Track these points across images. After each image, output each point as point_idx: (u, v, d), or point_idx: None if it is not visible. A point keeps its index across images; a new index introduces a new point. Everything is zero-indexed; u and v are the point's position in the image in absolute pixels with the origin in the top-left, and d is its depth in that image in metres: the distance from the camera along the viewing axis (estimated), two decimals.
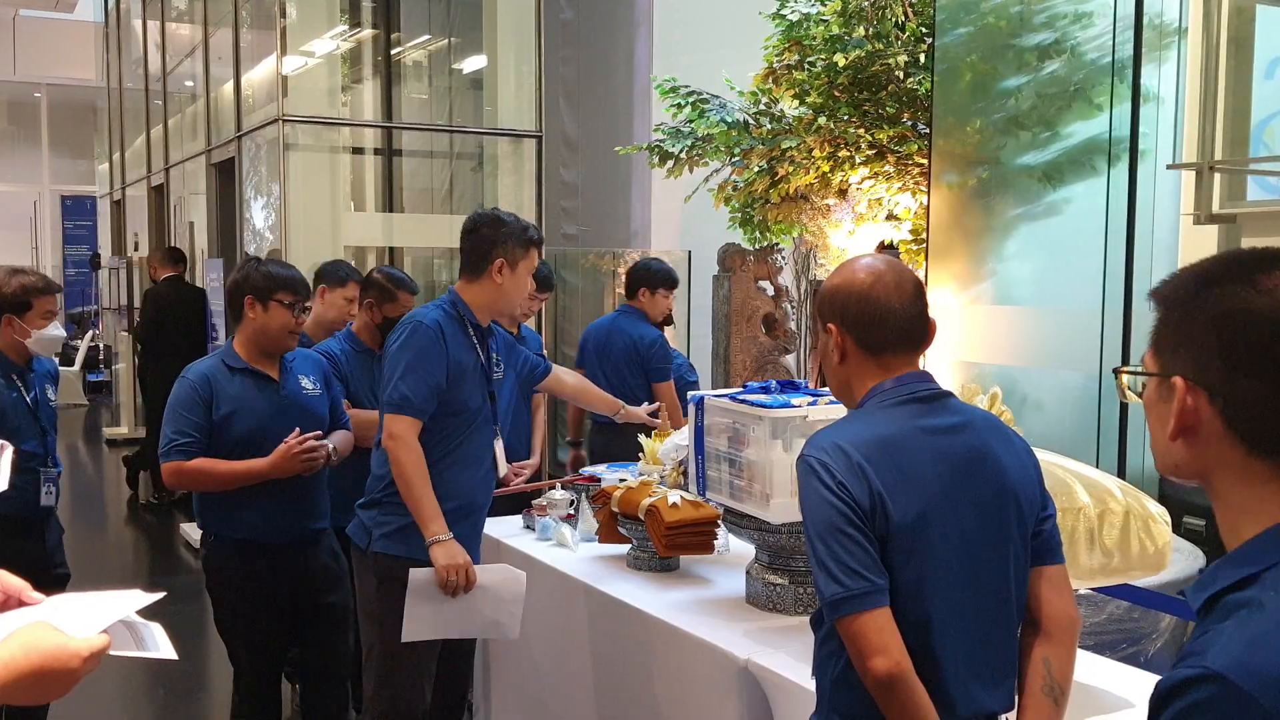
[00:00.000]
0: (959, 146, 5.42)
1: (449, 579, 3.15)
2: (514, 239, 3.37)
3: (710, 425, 3.24)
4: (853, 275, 1.99)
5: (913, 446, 1.89)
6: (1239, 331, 1.14)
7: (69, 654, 1.43)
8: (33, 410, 3.83)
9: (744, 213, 6.53)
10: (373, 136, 8.58)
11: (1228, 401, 1.15)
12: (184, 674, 5.13)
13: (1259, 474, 1.15)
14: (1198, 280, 1.19)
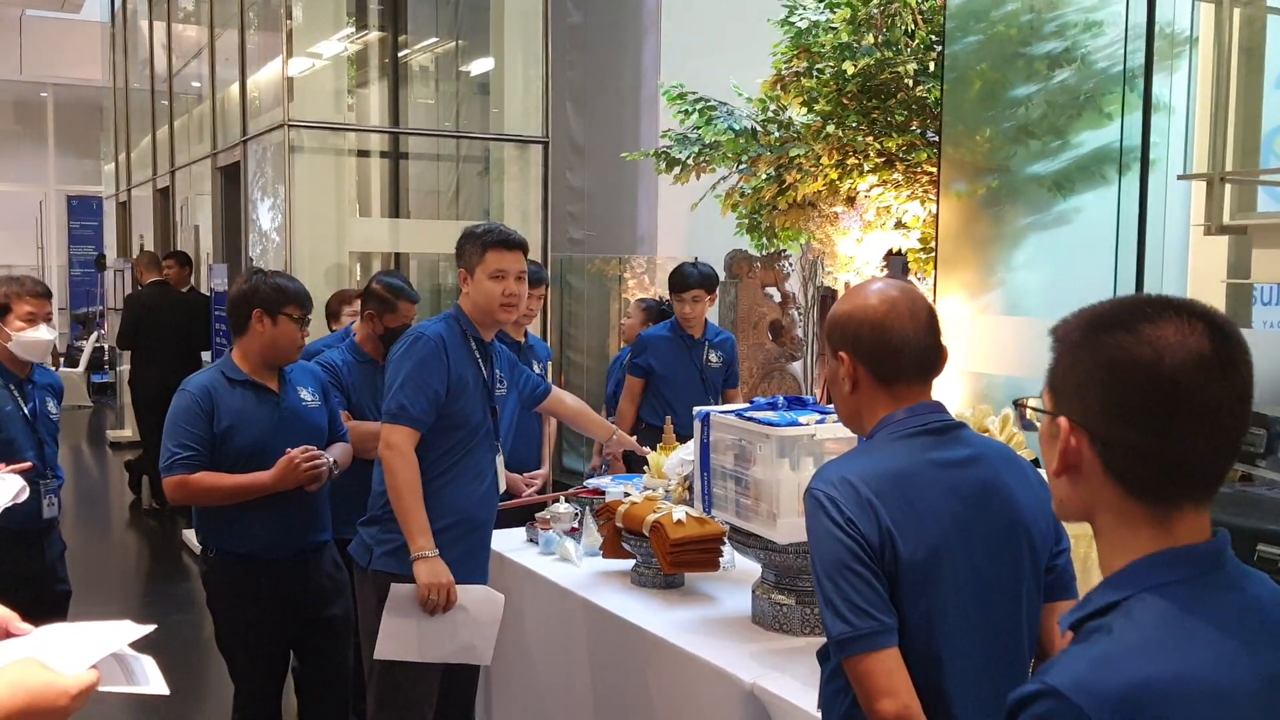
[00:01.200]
0: (968, 155, 5.38)
1: (429, 597, 3.13)
2: (470, 245, 3.34)
3: (716, 442, 3.20)
4: (866, 303, 1.95)
5: (923, 481, 1.85)
6: (1118, 381, 1.19)
7: (57, 691, 1.41)
8: (30, 422, 3.79)
9: (751, 219, 6.49)
10: (379, 141, 8.56)
11: (1106, 446, 1.20)
12: (184, 685, 5.09)
13: (1134, 515, 1.21)
14: (1089, 324, 1.24)
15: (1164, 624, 1.16)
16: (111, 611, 5.56)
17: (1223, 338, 1.20)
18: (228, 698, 3.71)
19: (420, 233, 8.59)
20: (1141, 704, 1.09)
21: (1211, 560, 1.20)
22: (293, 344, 3.56)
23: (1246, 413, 1.20)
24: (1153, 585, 1.18)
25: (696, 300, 5.29)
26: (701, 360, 5.40)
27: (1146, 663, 1.12)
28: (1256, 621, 1.18)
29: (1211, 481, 1.21)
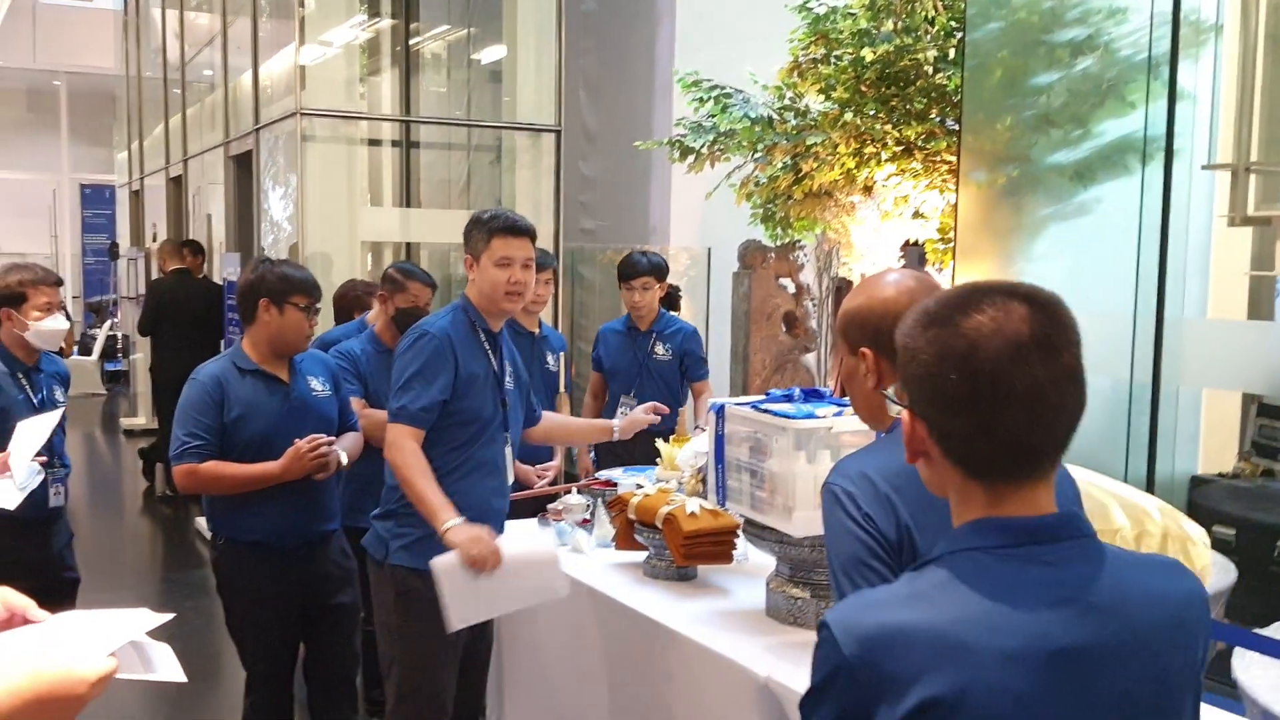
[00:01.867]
0: (988, 144, 5.31)
1: (475, 554, 2.99)
2: (476, 232, 3.26)
3: (731, 434, 3.15)
4: (884, 294, 1.89)
5: None
6: (941, 374, 1.27)
7: (75, 680, 1.39)
8: (38, 410, 3.77)
9: (766, 208, 6.43)
10: (390, 130, 8.52)
11: (942, 434, 1.29)
12: (197, 671, 5.07)
13: (973, 492, 1.30)
14: (918, 320, 1.31)
15: (944, 581, 1.26)
16: (125, 598, 5.60)
17: (1045, 320, 1.26)
18: (240, 683, 3.71)
19: (431, 222, 8.56)
20: (882, 643, 1.22)
21: (1031, 534, 1.27)
22: (300, 333, 3.54)
23: (1073, 391, 1.27)
24: (964, 548, 1.28)
25: (646, 288, 5.19)
26: (645, 352, 5.28)
27: (900, 610, 1.24)
28: (1058, 597, 1.23)
29: (1041, 459, 1.28)
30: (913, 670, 1.20)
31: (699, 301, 7.60)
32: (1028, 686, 1.20)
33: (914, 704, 1.19)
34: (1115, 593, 1.26)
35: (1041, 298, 1.29)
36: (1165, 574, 1.32)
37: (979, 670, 1.20)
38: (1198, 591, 1.33)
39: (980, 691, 1.19)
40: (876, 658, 1.22)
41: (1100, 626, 1.24)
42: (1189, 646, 1.28)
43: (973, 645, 1.20)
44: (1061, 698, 1.21)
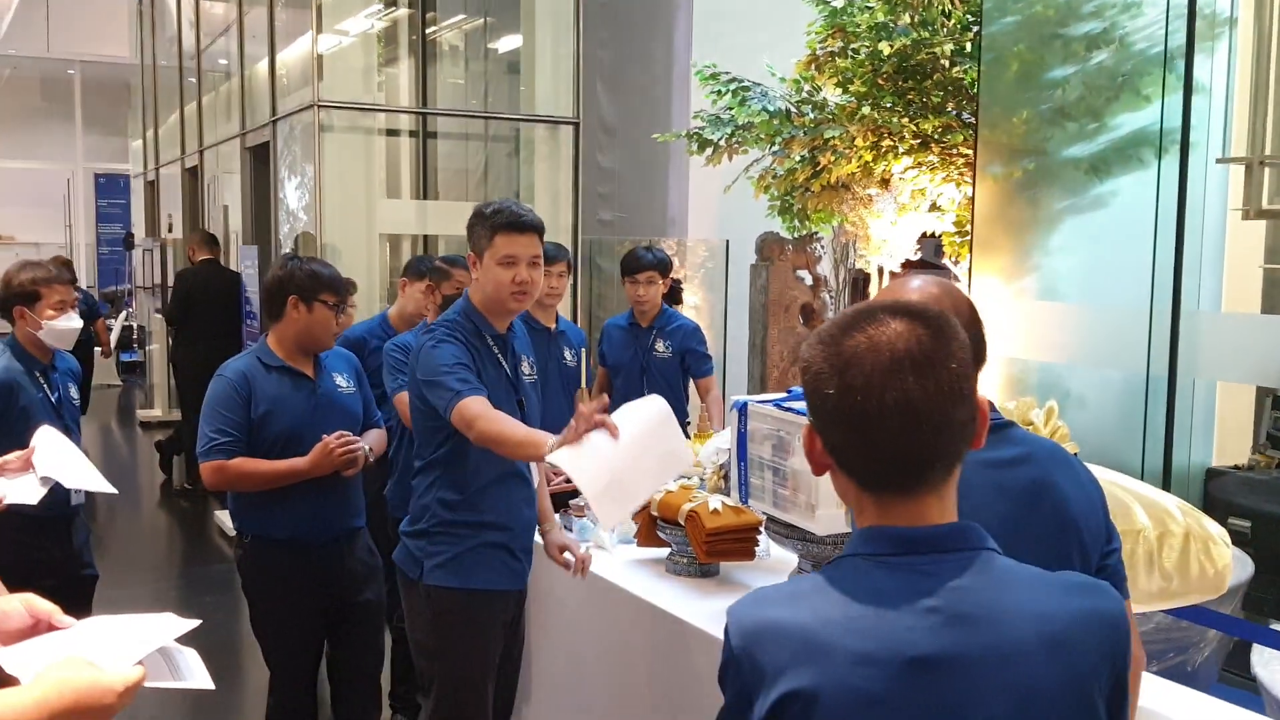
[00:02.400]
0: (1005, 137, 5.33)
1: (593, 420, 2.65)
2: (480, 228, 3.06)
3: (753, 432, 3.18)
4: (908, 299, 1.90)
5: (973, 482, 1.80)
6: (820, 391, 1.32)
7: (103, 690, 1.41)
8: (56, 409, 3.80)
9: (783, 201, 6.45)
10: (408, 121, 8.54)
11: (829, 446, 1.34)
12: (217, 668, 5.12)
13: (865, 502, 1.35)
14: (816, 336, 1.37)
15: (824, 583, 1.32)
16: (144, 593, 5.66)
17: (925, 337, 1.30)
18: (262, 680, 3.73)
19: (449, 214, 8.57)
20: (757, 636, 1.29)
21: (912, 544, 1.31)
22: (327, 331, 3.56)
23: (953, 406, 1.29)
24: (851, 554, 1.34)
25: (650, 282, 5.15)
26: (646, 349, 5.25)
27: (779, 607, 1.32)
28: (926, 607, 1.27)
29: (924, 471, 1.32)
30: (779, 664, 1.27)
31: (717, 294, 7.62)
32: (881, 689, 1.24)
33: (778, 696, 1.26)
34: (987, 606, 1.28)
35: (926, 315, 1.32)
36: (1060, 593, 1.33)
37: (835, 669, 1.25)
38: (1100, 611, 1.33)
39: (834, 690, 1.25)
40: (753, 650, 1.29)
41: (963, 637, 1.26)
42: (1072, 666, 1.28)
43: (832, 645, 1.26)
44: (916, 703, 1.24)
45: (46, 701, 1.38)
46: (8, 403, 3.62)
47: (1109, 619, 1.33)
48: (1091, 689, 1.29)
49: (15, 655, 1.53)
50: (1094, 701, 1.29)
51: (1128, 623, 1.35)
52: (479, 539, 3.09)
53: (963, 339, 1.34)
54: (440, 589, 3.11)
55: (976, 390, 1.35)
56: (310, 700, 3.69)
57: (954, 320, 1.36)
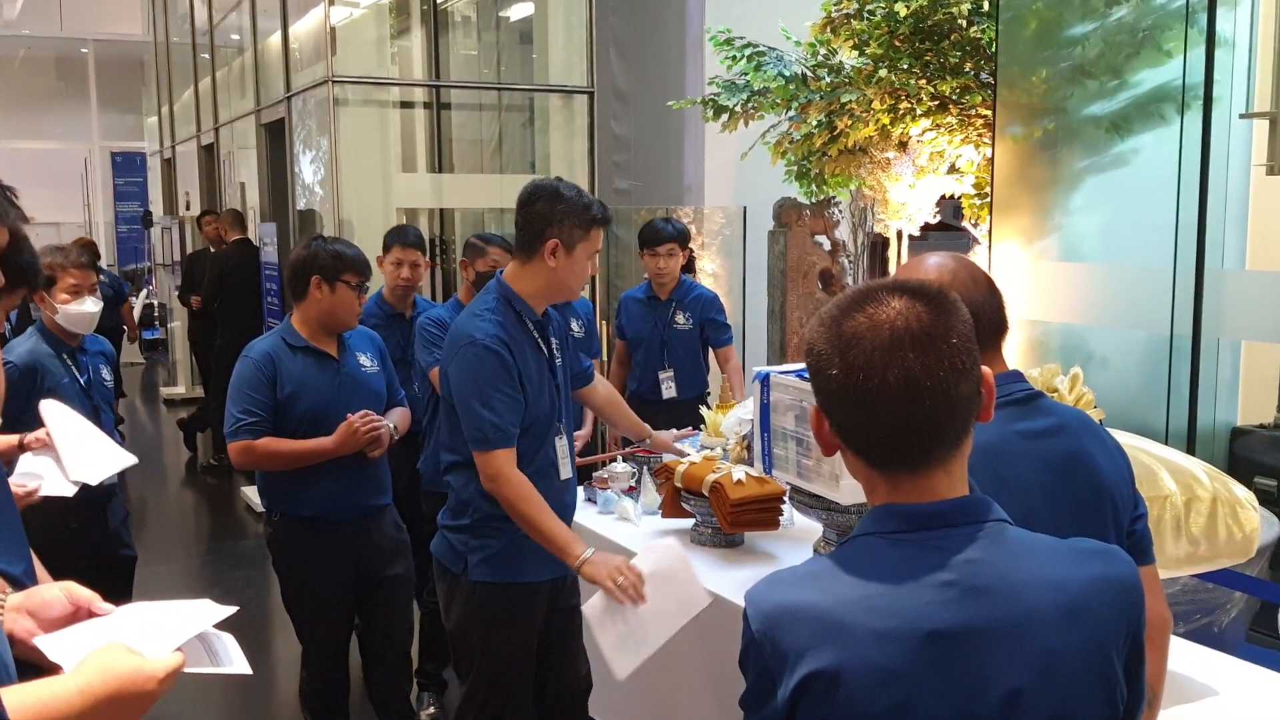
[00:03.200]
0: (1024, 97, 5.27)
1: (619, 582, 2.82)
2: (572, 218, 2.95)
3: (776, 402, 3.18)
4: (925, 277, 1.88)
5: (1013, 453, 1.81)
6: (823, 372, 1.33)
7: (145, 676, 1.43)
8: (85, 391, 3.82)
9: (800, 166, 6.39)
10: (422, 94, 8.51)
11: (836, 425, 1.35)
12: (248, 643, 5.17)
13: (875, 480, 1.36)
14: (819, 319, 1.38)
15: (839, 563, 1.34)
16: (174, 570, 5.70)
17: (925, 314, 1.31)
18: (294, 654, 3.77)
19: (465, 187, 8.56)
20: (777, 620, 1.31)
21: (923, 520, 1.32)
22: (351, 311, 3.57)
23: (955, 381, 1.29)
24: (864, 533, 1.35)
25: (670, 255, 5.14)
26: (665, 322, 5.24)
27: (796, 590, 1.33)
28: (942, 581, 1.28)
29: (931, 447, 1.32)
30: (800, 646, 1.29)
31: (735, 261, 7.59)
32: (902, 664, 1.26)
33: (801, 676, 1.28)
34: (1002, 577, 1.29)
35: (926, 293, 1.33)
36: (1073, 560, 1.34)
37: (855, 647, 1.26)
38: (1114, 576, 1.33)
39: (856, 667, 1.26)
40: (774, 633, 1.31)
41: (980, 609, 1.27)
42: (1090, 632, 1.29)
43: (851, 624, 1.28)
44: (937, 676, 1.26)
45: (89, 689, 1.40)
46: (32, 385, 3.65)
47: (1123, 583, 1.34)
48: (1110, 653, 1.30)
49: (57, 642, 1.55)
50: (1113, 666, 1.30)
51: (1141, 586, 1.36)
52: (515, 532, 3.01)
53: (964, 314, 1.34)
54: (486, 584, 3.07)
55: (980, 364, 1.35)
56: (342, 674, 3.74)
57: (954, 296, 1.36)
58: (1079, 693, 1.28)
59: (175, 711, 4.27)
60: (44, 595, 1.67)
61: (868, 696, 1.26)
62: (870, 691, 1.26)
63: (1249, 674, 2.70)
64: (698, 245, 7.44)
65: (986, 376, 1.37)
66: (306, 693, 3.74)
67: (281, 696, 4.59)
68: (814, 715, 1.29)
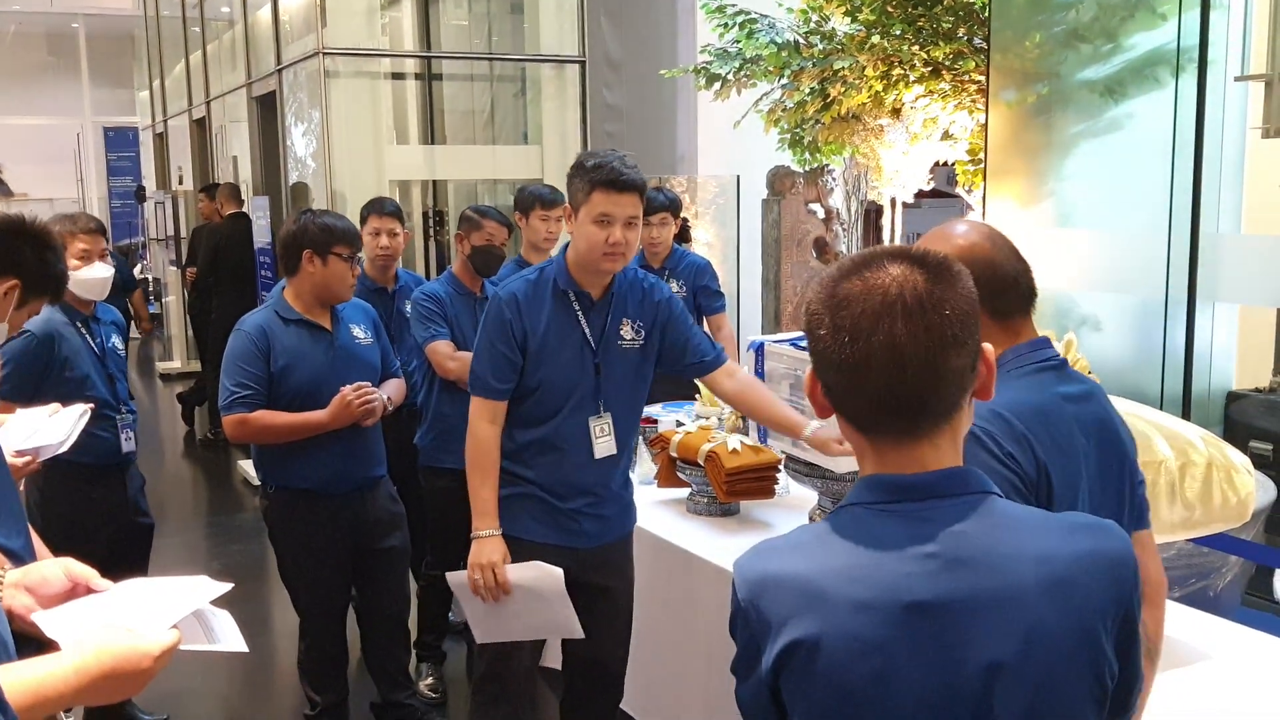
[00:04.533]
0: (1017, 62, 5.25)
1: (473, 577, 2.93)
2: (578, 179, 2.90)
3: (771, 371, 3.18)
4: (972, 243, 1.85)
5: (1059, 416, 1.80)
6: (814, 332, 1.34)
7: (140, 654, 1.44)
8: (99, 358, 3.83)
9: (794, 134, 6.37)
10: (413, 65, 8.46)
11: (826, 388, 1.35)
12: (246, 616, 5.18)
13: (863, 447, 1.36)
14: (820, 281, 1.37)
15: (824, 533, 1.34)
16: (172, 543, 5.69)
17: (922, 282, 1.29)
18: (292, 626, 3.78)
19: (458, 158, 8.52)
20: (761, 588, 1.32)
21: (907, 491, 1.31)
22: (344, 283, 3.57)
23: (945, 352, 1.27)
24: (851, 503, 1.35)
25: (662, 224, 5.11)
26: None
27: (780, 559, 1.34)
28: (924, 552, 1.28)
29: (916, 417, 1.31)
30: (783, 614, 1.30)
31: (729, 230, 7.57)
32: (881, 635, 1.26)
33: (783, 644, 1.29)
34: (987, 549, 1.28)
35: (926, 261, 1.32)
36: (1062, 534, 1.32)
37: (835, 617, 1.27)
38: (1104, 551, 1.31)
39: (835, 636, 1.27)
40: (758, 601, 1.33)
41: (961, 581, 1.26)
42: (1075, 607, 1.28)
43: (832, 593, 1.28)
44: (916, 648, 1.25)
45: (85, 667, 1.41)
46: (51, 353, 3.66)
47: (1114, 558, 1.32)
48: (1096, 629, 1.28)
49: (54, 618, 1.56)
50: (1099, 642, 1.29)
51: (1135, 562, 1.34)
52: (521, 490, 3.00)
53: (965, 287, 1.32)
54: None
55: (979, 338, 1.33)
56: (340, 644, 3.76)
57: (959, 268, 1.34)
58: (1063, 668, 1.27)
59: (175, 684, 4.29)
60: (42, 571, 1.68)
61: (846, 666, 1.26)
62: (849, 661, 1.26)
63: (1244, 637, 2.71)
64: (691, 215, 7.42)
65: (987, 353, 1.35)
66: (305, 664, 3.76)
67: (281, 668, 4.61)
68: (796, 683, 1.30)
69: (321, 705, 3.73)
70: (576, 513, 3.03)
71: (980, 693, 1.25)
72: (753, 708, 1.39)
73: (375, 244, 4.47)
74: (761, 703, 1.36)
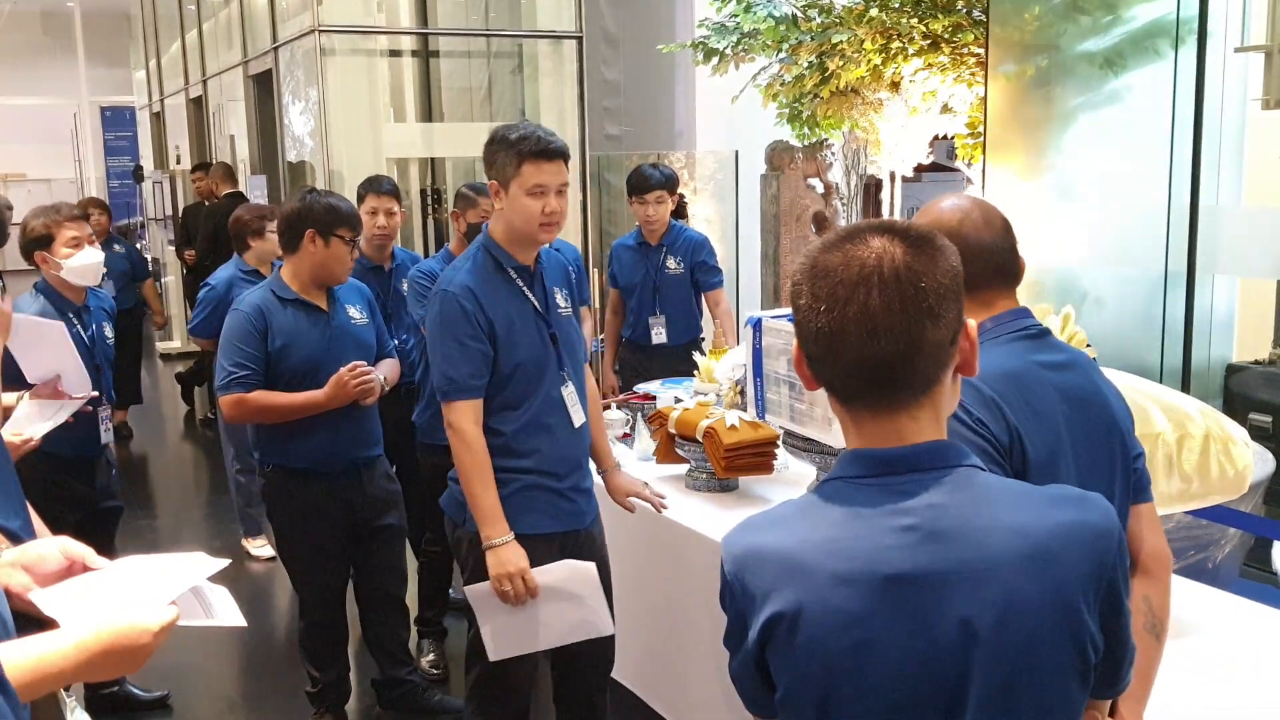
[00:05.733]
0: (1016, 34, 5.22)
1: (503, 589, 2.83)
2: (503, 153, 2.83)
3: (768, 347, 3.18)
4: (939, 216, 1.89)
5: (1035, 381, 1.81)
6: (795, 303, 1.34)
7: (139, 631, 1.45)
8: (89, 349, 3.82)
9: (792, 108, 6.35)
10: (410, 43, 8.42)
11: (808, 358, 1.35)
12: (248, 594, 5.21)
13: (845, 419, 1.37)
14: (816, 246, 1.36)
15: (805, 506, 1.36)
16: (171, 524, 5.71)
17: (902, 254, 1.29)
18: (293, 604, 3.79)
19: (455, 136, 8.49)
20: (745, 562, 1.34)
21: (888, 465, 1.32)
22: (343, 265, 3.56)
23: (920, 325, 1.27)
24: (833, 477, 1.36)
25: (660, 202, 5.08)
26: (657, 267, 5.20)
27: (763, 533, 1.36)
28: (902, 525, 1.28)
29: (892, 390, 1.31)
30: (765, 587, 1.32)
31: (727, 205, 7.55)
32: (860, 607, 1.27)
33: (766, 617, 1.31)
34: (965, 521, 1.28)
35: (909, 234, 1.32)
36: (1042, 506, 1.33)
37: (815, 589, 1.29)
38: (1085, 523, 1.31)
39: (816, 609, 1.28)
40: (742, 575, 1.35)
41: (939, 554, 1.27)
42: (1053, 579, 1.27)
43: (812, 566, 1.29)
44: (895, 619, 1.26)
45: (84, 644, 1.41)
46: None
47: (1094, 529, 1.32)
48: (1076, 601, 1.28)
49: (52, 597, 1.57)
50: (1080, 614, 1.28)
51: (1119, 534, 1.33)
52: (521, 482, 2.92)
53: (948, 261, 1.32)
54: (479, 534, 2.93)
55: (961, 313, 1.33)
56: (340, 622, 3.77)
57: (943, 242, 1.34)
58: (1042, 639, 1.27)
59: (174, 661, 4.30)
60: (39, 550, 1.68)
61: (827, 637, 1.28)
62: (830, 633, 1.28)
63: (1243, 609, 2.71)
64: (690, 191, 7.40)
65: (969, 328, 1.35)
66: (305, 641, 3.77)
67: (282, 646, 4.62)
68: (779, 654, 1.32)
69: (322, 682, 3.75)
70: (573, 490, 3.00)
71: (959, 664, 1.26)
72: (743, 680, 1.41)
73: (373, 223, 4.46)
74: (751, 675, 1.38)
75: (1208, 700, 2.27)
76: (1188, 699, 2.22)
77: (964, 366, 1.37)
